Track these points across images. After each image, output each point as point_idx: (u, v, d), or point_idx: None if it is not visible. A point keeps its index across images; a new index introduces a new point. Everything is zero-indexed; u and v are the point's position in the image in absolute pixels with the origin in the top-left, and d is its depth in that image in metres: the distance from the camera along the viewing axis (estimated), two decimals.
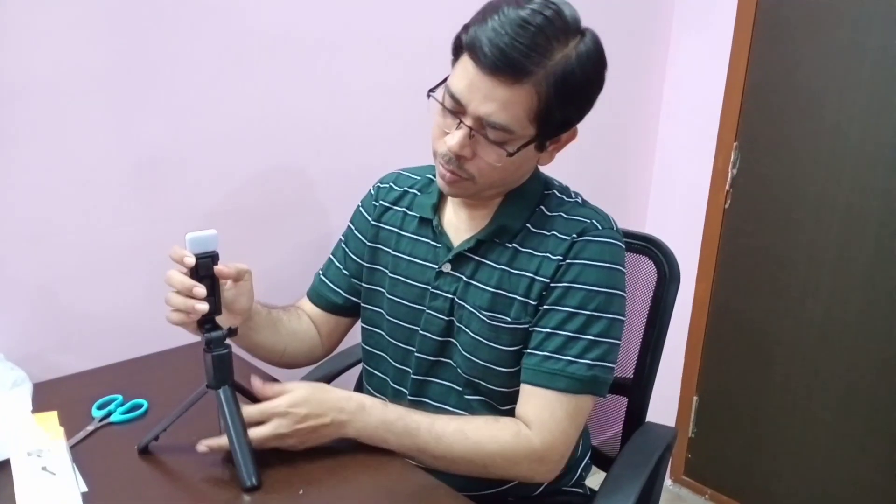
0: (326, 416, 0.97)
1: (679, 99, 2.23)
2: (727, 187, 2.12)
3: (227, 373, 0.97)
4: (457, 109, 0.96)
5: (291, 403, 0.96)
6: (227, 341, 0.98)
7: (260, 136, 1.42)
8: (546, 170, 1.12)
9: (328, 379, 1.35)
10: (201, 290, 0.93)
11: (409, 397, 1.13)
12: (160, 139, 1.29)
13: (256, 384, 1.00)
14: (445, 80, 0.99)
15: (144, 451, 1.00)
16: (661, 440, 1.21)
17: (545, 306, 1.03)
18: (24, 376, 1.11)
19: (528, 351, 1.03)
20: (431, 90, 0.99)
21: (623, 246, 1.07)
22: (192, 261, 0.93)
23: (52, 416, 1.05)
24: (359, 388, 1.40)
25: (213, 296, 0.96)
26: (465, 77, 0.94)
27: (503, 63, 0.90)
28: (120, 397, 1.13)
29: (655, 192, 2.35)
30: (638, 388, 1.34)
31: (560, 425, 1.00)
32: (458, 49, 0.97)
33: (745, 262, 2.14)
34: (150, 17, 1.23)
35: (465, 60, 0.94)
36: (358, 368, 1.38)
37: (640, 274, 1.33)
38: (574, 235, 1.03)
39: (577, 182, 1.20)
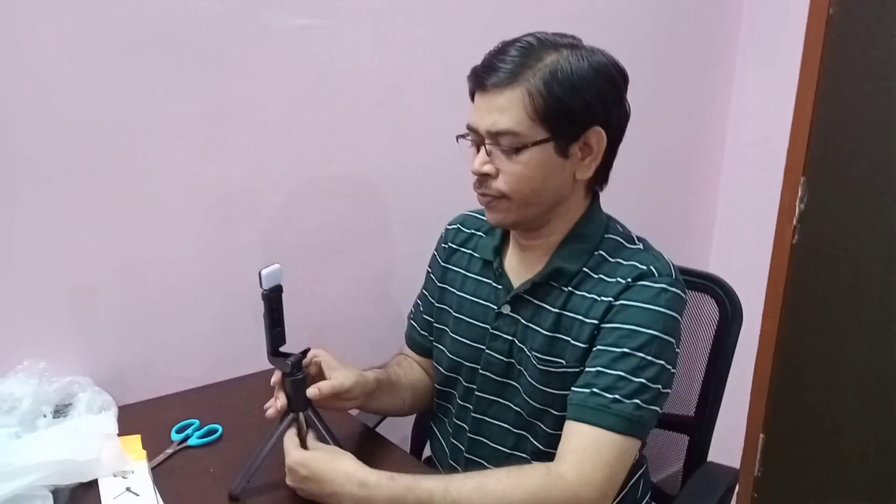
0: (325, 486, 0.95)
1: (744, 133, 2.20)
2: (795, 222, 2.08)
3: (301, 396, 1.02)
4: (476, 139, 1.04)
5: (296, 461, 0.97)
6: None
7: (327, 175, 1.48)
8: (609, 205, 1.13)
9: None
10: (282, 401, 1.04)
11: (469, 434, 1.16)
12: (235, 179, 1.37)
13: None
14: None
15: (236, 499, 1.02)
16: (722, 482, 1.20)
17: (598, 346, 1.01)
18: (110, 401, 1.18)
19: (575, 389, 1.00)
20: (459, 136, 1.06)
21: (683, 296, 1.05)
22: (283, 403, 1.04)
23: (135, 440, 1.13)
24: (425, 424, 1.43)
25: (280, 326, 1.02)
26: (474, 107, 1.03)
27: (492, 72, 0.98)
28: (197, 422, 1.19)
29: (720, 227, 2.32)
30: (700, 427, 1.33)
31: (603, 459, 0.95)
32: (472, 96, 1.05)
33: (814, 299, 2.08)
34: (230, 69, 1.31)
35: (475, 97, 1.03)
36: None
37: (702, 313, 1.33)
38: (629, 280, 1.02)
39: (640, 218, 1.20)
